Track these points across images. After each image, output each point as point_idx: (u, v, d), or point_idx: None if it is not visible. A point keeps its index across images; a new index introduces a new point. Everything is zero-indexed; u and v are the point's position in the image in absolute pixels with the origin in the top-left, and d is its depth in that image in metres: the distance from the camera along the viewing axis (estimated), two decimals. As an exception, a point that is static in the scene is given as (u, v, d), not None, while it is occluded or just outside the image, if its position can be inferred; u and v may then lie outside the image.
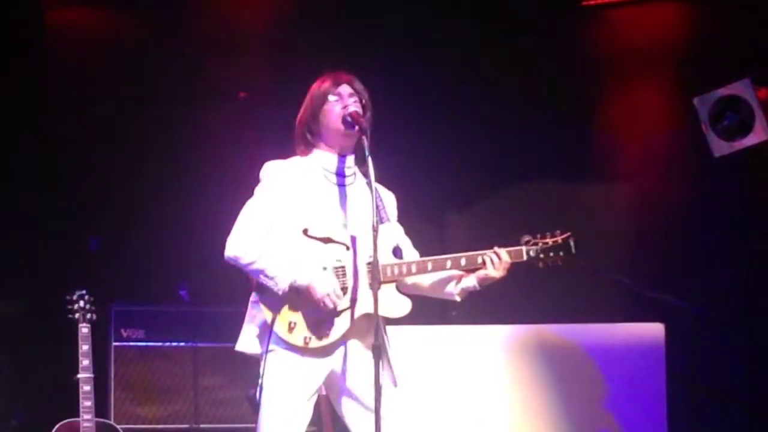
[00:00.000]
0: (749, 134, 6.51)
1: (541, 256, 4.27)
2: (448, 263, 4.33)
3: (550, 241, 4.26)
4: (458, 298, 4.46)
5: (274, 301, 4.26)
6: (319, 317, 4.26)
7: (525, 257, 4.30)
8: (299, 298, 4.24)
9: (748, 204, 6.91)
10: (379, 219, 4.25)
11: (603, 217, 7.14)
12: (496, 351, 6.07)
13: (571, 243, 4.24)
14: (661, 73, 7.08)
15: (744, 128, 6.53)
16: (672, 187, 7.06)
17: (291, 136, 4.47)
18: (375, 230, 4.10)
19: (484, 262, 4.30)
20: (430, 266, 4.34)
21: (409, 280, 4.44)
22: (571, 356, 6.04)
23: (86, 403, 5.94)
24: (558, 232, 4.28)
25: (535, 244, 4.29)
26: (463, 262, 4.32)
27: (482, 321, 6.25)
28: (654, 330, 6.03)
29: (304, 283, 4.20)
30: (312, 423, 4.48)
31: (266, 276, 4.23)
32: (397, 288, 4.38)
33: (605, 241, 7.01)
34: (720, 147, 6.59)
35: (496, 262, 4.29)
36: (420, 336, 6.04)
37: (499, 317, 6.31)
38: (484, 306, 6.80)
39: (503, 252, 4.30)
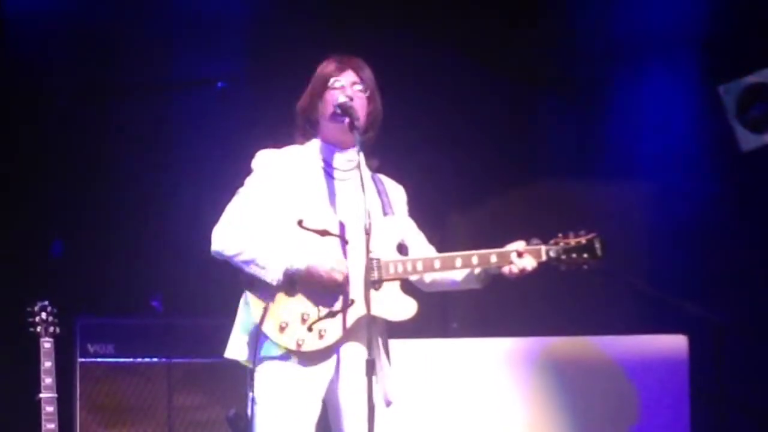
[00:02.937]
0: (780, 127, 6.48)
1: (563, 257, 4.09)
2: (458, 261, 4.13)
3: (572, 241, 4.09)
4: (480, 286, 4.28)
5: (265, 297, 4.09)
6: (321, 309, 4.05)
7: (545, 257, 4.09)
8: (294, 292, 4.06)
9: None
10: (383, 212, 4.17)
11: (618, 218, 6.88)
12: (504, 366, 5.98)
13: (597, 245, 4.06)
14: (682, 58, 6.85)
15: (774, 120, 6.49)
16: (695, 185, 6.84)
17: (275, 131, 4.37)
18: (367, 233, 3.91)
19: (499, 262, 4.07)
20: (437, 264, 4.16)
21: (427, 277, 4.28)
22: (587, 371, 5.95)
23: (49, 426, 5.68)
24: (582, 231, 4.09)
25: (556, 243, 4.09)
26: (474, 260, 4.12)
27: (489, 334, 6.10)
28: (676, 342, 5.91)
29: (302, 267, 4.03)
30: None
31: (257, 265, 4.05)
32: (402, 288, 4.15)
33: (622, 244, 6.69)
34: (747, 140, 6.47)
35: (514, 261, 4.05)
36: (420, 350, 5.95)
37: (510, 330, 6.18)
38: (490, 317, 6.81)
39: (521, 251, 4.06)
